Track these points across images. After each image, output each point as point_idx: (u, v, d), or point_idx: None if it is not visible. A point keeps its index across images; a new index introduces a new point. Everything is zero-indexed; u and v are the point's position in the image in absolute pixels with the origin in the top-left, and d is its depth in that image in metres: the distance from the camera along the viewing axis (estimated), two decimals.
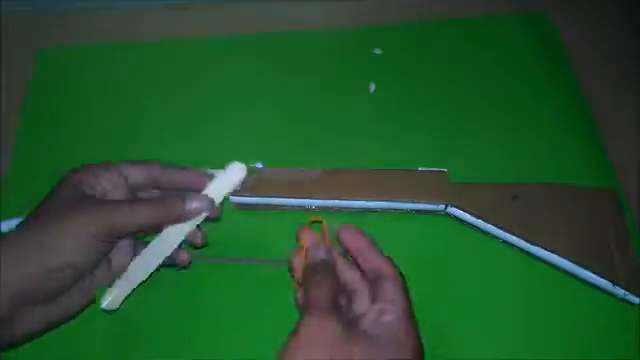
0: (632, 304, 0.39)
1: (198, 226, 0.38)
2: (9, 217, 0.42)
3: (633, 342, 0.38)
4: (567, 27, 0.54)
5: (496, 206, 0.42)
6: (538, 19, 0.55)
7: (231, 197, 0.42)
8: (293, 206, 0.43)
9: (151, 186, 0.38)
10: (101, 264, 0.36)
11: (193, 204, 0.36)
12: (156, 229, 0.37)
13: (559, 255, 0.40)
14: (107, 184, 0.36)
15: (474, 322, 0.39)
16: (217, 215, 0.38)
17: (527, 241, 0.40)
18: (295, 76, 0.51)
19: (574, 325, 0.39)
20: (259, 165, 0.44)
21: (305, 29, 0.54)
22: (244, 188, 0.41)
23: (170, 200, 0.36)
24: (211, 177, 0.38)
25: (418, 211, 0.43)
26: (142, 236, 0.38)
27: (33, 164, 0.46)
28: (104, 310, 0.36)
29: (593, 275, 0.39)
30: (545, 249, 0.40)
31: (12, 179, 0.45)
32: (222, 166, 0.43)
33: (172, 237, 0.37)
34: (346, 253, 0.36)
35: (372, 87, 0.50)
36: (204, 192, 0.38)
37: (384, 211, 0.43)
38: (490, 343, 0.38)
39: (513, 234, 0.41)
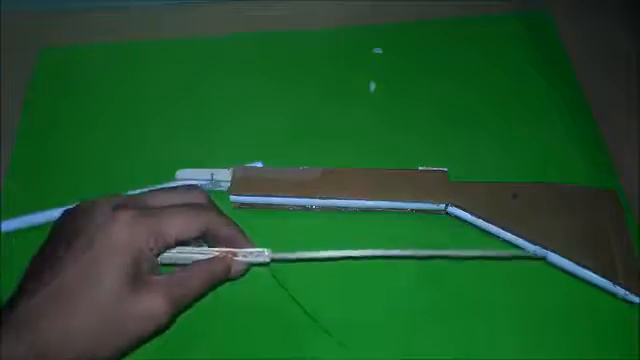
0: (632, 304, 0.39)
1: None
2: (9, 217, 0.42)
3: (633, 342, 0.38)
4: (567, 27, 0.54)
5: (496, 206, 0.42)
6: (538, 19, 0.55)
7: (231, 196, 0.42)
8: (293, 205, 0.43)
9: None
10: None
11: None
12: None
13: (559, 255, 0.40)
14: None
15: (474, 322, 0.39)
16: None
17: (527, 241, 0.40)
18: (295, 75, 0.51)
19: (574, 325, 0.39)
20: (259, 164, 0.44)
21: (305, 28, 0.54)
22: (244, 188, 0.41)
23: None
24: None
25: (418, 211, 0.43)
26: None
27: (33, 164, 0.46)
28: None
29: (593, 275, 0.39)
30: (545, 249, 0.40)
31: (12, 179, 0.45)
32: (222, 165, 0.43)
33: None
34: None
35: (372, 86, 0.50)
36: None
37: (384, 211, 0.43)
38: (490, 343, 0.38)
39: (513, 234, 0.41)
